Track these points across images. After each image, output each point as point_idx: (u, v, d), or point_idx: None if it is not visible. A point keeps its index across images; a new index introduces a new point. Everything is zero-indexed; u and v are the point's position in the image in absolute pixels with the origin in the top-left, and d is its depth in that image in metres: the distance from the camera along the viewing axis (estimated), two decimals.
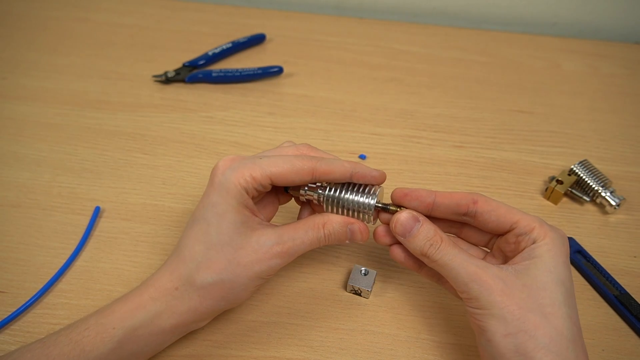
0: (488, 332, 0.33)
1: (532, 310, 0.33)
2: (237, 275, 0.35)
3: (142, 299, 0.35)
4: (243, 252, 0.35)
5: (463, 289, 0.35)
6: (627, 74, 0.69)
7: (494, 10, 0.78)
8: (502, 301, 0.33)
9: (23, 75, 0.63)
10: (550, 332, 0.32)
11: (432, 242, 0.36)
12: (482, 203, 0.37)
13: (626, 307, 0.43)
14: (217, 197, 0.35)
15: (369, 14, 0.79)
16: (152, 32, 0.71)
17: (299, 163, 0.36)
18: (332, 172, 0.37)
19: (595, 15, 0.77)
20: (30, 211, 0.49)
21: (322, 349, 0.40)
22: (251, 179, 0.35)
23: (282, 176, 0.36)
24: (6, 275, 0.44)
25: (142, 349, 0.35)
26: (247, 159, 0.37)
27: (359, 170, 0.37)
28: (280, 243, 0.36)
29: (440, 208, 0.38)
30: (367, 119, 0.60)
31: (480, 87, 0.65)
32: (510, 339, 0.32)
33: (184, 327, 0.36)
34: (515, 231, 0.36)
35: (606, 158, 0.57)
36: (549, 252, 0.34)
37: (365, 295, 0.44)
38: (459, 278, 0.35)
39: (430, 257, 0.36)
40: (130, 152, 0.55)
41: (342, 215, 0.38)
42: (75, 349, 0.33)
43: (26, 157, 0.54)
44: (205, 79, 0.63)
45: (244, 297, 0.37)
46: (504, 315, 0.33)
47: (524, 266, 0.34)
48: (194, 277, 0.35)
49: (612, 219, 0.51)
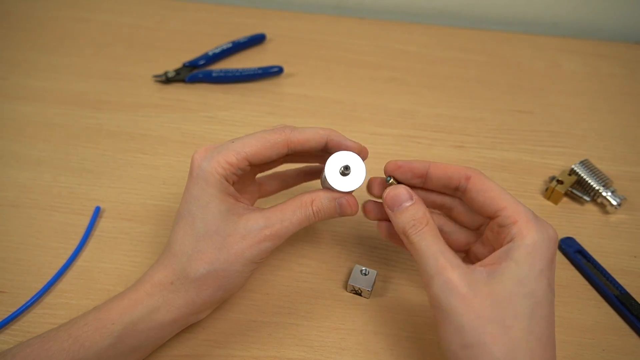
0: (446, 341, 0.32)
1: (492, 321, 0.30)
2: (229, 263, 0.35)
3: (138, 295, 0.35)
4: (232, 240, 0.35)
5: (427, 282, 0.33)
6: (627, 74, 0.69)
7: (494, 10, 0.78)
8: (461, 307, 0.31)
9: (23, 75, 0.63)
10: (506, 346, 0.30)
11: (415, 222, 0.34)
12: (474, 180, 0.35)
13: (626, 307, 0.43)
14: (197, 189, 0.35)
15: (369, 14, 0.79)
16: (152, 32, 0.71)
17: (272, 137, 0.36)
18: (308, 141, 0.36)
19: (595, 15, 0.77)
20: (30, 211, 0.49)
21: (322, 349, 0.40)
22: (228, 165, 0.35)
23: (259, 154, 0.36)
24: (6, 275, 0.44)
25: (141, 343, 0.35)
26: (221, 146, 0.36)
27: (333, 137, 0.37)
28: (269, 226, 0.35)
29: (433, 180, 0.37)
30: (367, 119, 0.60)
31: (480, 87, 0.65)
32: (466, 351, 0.31)
33: (183, 320, 0.36)
34: (498, 220, 0.34)
35: (606, 158, 0.57)
36: (525, 258, 0.32)
37: (365, 295, 0.44)
38: (427, 267, 0.33)
39: (409, 237, 0.35)
40: (130, 152, 0.55)
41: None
42: (74, 345, 0.33)
43: (26, 157, 0.54)
44: (205, 79, 0.63)
45: (240, 284, 0.37)
46: (462, 323, 0.31)
47: (498, 268, 0.32)
48: (187, 270, 0.35)
49: (613, 219, 0.51)
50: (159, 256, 0.37)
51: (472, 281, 0.32)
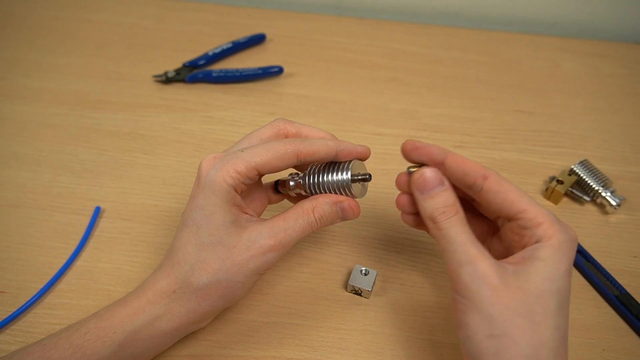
0: (470, 329, 0.31)
1: (521, 315, 0.31)
2: (233, 274, 0.35)
3: (140, 303, 0.35)
4: (236, 251, 0.35)
5: (455, 269, 0.32)
6: (627, 74, 0.69)
7: (494, 10, 0.78)
8: (492, 297, 0.31)
9: (23, 75, 0.63)
10: (534, 342, 0.30)
11: (446, 209, 0.34)
12: (492, 181, 0.34)
13: (626, 307, 0.43)
14: (203, 199, 0.35)
15: (369, 14, 0.79)
16: (152, 32, 0.71)
17: (281, 148, 0.35)
18: (317, 152, 0.36)
19: (595, 15, 0.77)
20: (30, 211, 0.49)
21: (322, 349, 0.40)
22: (236, 174, 0.35)
23: (268, 164, 0.35)
24: (6, 275, 0.44)
25: (143, 352, 0.35)
26: (230, 155, 0.36)
27: (343, 148, 0.37)
28: (272, 236, 0.35)
29: (448, 171, 0.35)
30: (367, 119, 0.60)
31: (480, 87, 0.65)
32: (493, 341, 0.30)
33: (185, 329, 0.36)
34: (520, 222, 0.33)
35: (606, 158, 0.57)
36: (553, 257, 0.32)
37: (365, 295, 0.44)
38: (455, 256, 0.33)
39: (438, 223, 0.34)
40: (130, 152, 0.55)
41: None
42: (76, 353, 0.33)
43: (26, 157, 0.54)
44: (205, 79, 0.63)
45: (242, 294, 0.37)
46: (491, 313, 0.31)
47: (524, 267, 0.32)
48: (189, 279, 0.35)
49: (613, 219, 0.51)
50: (161, 262, 0.37)
51: (502, 273, 0.32)
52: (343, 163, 0.38)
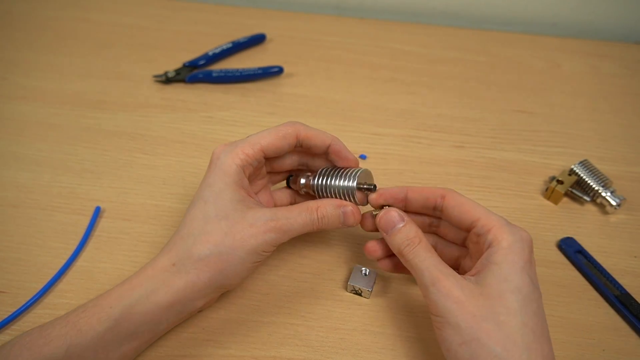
0: (446, 342, 0.34)
1: (486, 319, 0.33)
2: (233, 248, 0.36)
3: (139, 279, 0.36)
4: (239, 226, 0.37)
5: (425, 292, 0.36)
6: (627, 74, 0.69)
7: (494, 10, 0.78)
8: (457, 309, 0.33)
9: (23, 75, 0.63)
10: (502, 341, 0.32)
11: (409, 241, 0.37)
12: (449, 198, 0.39)
13: (627, 307, 0.43)
14: (213, 178, 0.38)
15: (369, 14, 0.79)
16: (152, 32, 0.71)
17: (283, 129, 0.40)
18: (313, 137, 0.40)
19: (595, 15, 0.77)
20: (30, 211, 0.49)
21: (322, 349, 0.40)
22: (245, 156, 0.38)
23: (272, 145, 0.39)
24: (6, 275, 0.44)
25: (137, 328, 0.35)
26: (238, 140, 0.40)
27: (335, 144, 0.41)
28: (275, 219, 0.37)
29: (412, 203, 0.40)
30: (367, 119, 0.60)
31: (480, 87, 0.65)
32: (465, 347, 0.33)
33: (181, 305, 0.36)
34: (475, 230, 0.37)
35: (607, 158, 0.57)
36: (505, 258, 0.34)
37: (365, 295, 0.44)
38: (423, 280, 0.36)
39: (404, 256, 0.37)
40: (130, 152, 0.55)
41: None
42: (72, 330, 0.34)
43: (26, 157, 0.54)
44: (205, 79, 0.63)
45: (242, 274, 0.38)
46: (459, 323, 0.33)
47: (482, 274, 0.35)
48: (191, 250, 0.36)
49: (613, 219, 0.51)
50: (167, 242, 0.38)
51: (464, 286, 0.34)
52: (352, 170, 0.41)
